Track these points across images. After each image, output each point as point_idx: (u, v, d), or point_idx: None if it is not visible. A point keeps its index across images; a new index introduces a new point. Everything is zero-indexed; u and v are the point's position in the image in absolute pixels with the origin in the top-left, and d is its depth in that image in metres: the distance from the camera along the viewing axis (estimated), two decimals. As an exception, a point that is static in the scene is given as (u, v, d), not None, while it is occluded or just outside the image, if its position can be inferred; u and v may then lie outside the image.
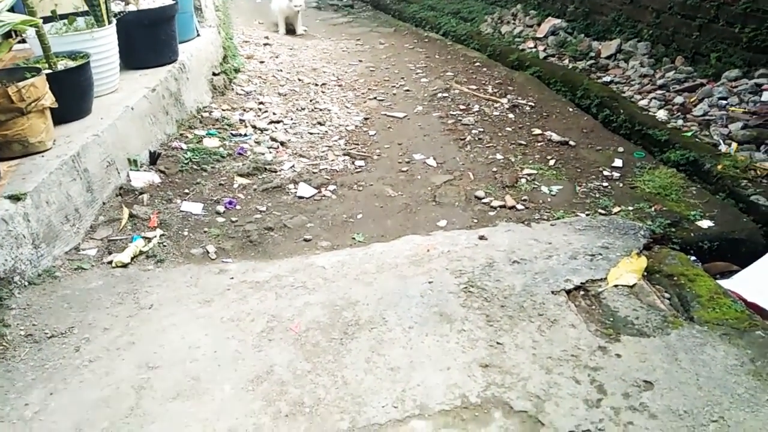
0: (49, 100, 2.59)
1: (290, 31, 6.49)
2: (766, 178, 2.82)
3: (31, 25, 2.60)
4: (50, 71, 2.78)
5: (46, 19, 3.09)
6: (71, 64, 2.92)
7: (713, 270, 2.36)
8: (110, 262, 2.39)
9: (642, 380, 1.64)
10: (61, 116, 2.73)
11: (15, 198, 2.21)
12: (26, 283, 2.19)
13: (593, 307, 1.99)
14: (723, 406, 1.54)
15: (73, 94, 2.82)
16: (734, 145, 3.11)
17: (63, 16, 3.28)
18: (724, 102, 3.50)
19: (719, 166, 2.91)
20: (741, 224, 2.52)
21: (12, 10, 2.56)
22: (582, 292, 2.06)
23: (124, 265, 2.38)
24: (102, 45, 3.10)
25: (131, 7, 3.55)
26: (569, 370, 1.71)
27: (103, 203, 2.71)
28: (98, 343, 1.96)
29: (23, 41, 3.32)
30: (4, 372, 1.84)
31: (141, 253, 2.46)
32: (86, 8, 3.22)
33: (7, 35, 2.68)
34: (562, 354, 1.77)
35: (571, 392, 1.63)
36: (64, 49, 3.00)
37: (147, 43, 3.52)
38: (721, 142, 3.17)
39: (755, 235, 2.47)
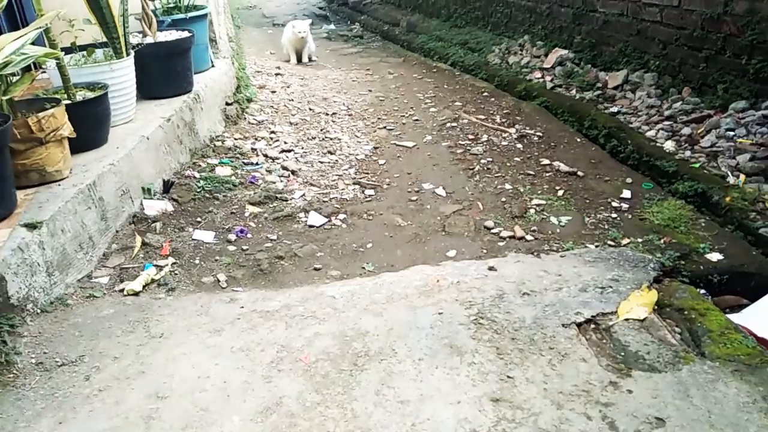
0: (67, 130, 2.65)
1: (299, 59, 6.60)
2: (775, 211, 2.82)
3: (52, 58, 2.68)
4: (69, 102, 2.84)
5: (66, 50, 3.17)
6: (89, 94, 2.99)
7: (723, 304, 2.35)
8: (122, 290, 2.41)
9: (654, 417, 1.63)
10: (79, 145, 2.79)
11: (31, 226, 2.25)
12: (39, 311, 2.21)
13: (604, 341, 1.98)
14: (736, 444, 1.52)
15: (90, 124, 2.88)
16: (742, 176, 3.12)
17: (82, 47, 3.36)
18: (732, 133, 3.51)
19: (727, 198, 2.91)
20: (751, 257, 2.51)
21: (34, 43, 2.64)
22: (592, 326, 2.05)
23: (136, 294, 2.40)
24: (120, 76, 3.17)
25: (148, 39, 3.64)
26: (580, 406, 1.70)
27: (117, 231, 2.74)
28: (108, 372, 1.97)
29: (42, 71, 3.40)
30: (15, 400, 1.85)
31: (153, 281, 2.48)
32: (104, 40, 3.30)
33: (28, 67, 2.76)
34: (573, 389, 1.77)
35: (582, 429, 1.62)
36: (83, 80, 3.08)
37: (163, 74, 3.60)
38: (729, 173, 3.18)
39: (765, 268, 2.47)
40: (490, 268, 2.45)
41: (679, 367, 1.80)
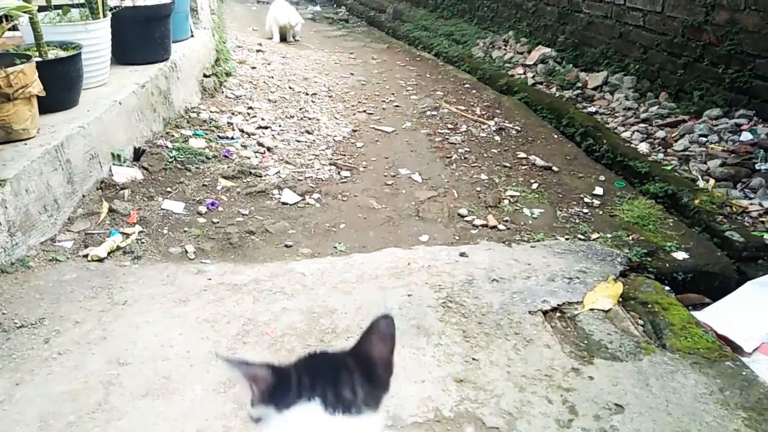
0: (37, 88, 2.56)
1: (283, 39, 6.52)
2: (741, 215, 2.89)
3: (25, 12, 2.59)
4: (40, 59, 2.75)
5: (41, 8, 3.07)
6: (62, 54, 2.90)
7: (686, 301, 2.40)
8: (86, 256, 2.36)
9: (613, 403, 1.66)
10: (48, 105, 2.70)
11: (-6, 184, 2.17)
12: (-2, 271, 2.14)
13: (569, 329, 2.01)
14: (691, 433, 1.56)
15: (61, 84, 2.79)
16: (712, 181, 3.19)
17: (57, 6, 3.26)
18: (704, 139, 3.58)
19: (696, 201, 2.97)
20: (715, 258, 2.57)
21: (6, -5, 2.54)
22: (558, 314, 2.08)
23: (100, 260, 2.34)
24: (95, 38, 3.08)
25: (127, 3, 3.54)
26: (542, 390, 1.72)
27: (83, 196, 2.67)
28: (69, 336, 1.92)
29: (14, 29, 3.28)
30: (-31, 359, 1.79)
31: (118, 248, 2.43)
32: (81, 0, 3.20)
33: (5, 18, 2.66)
34: (536, 373, 1.79)
35: (543, 411, 1.64)
36: (57, 38, 2.98)
37: (140, 39, 3.51)
38: (699, 177, 3.25)
39: (728, 269, 2.53)
40: (462, 254, 2.46)
41: (640, 357, 1.84)
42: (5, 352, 1.84)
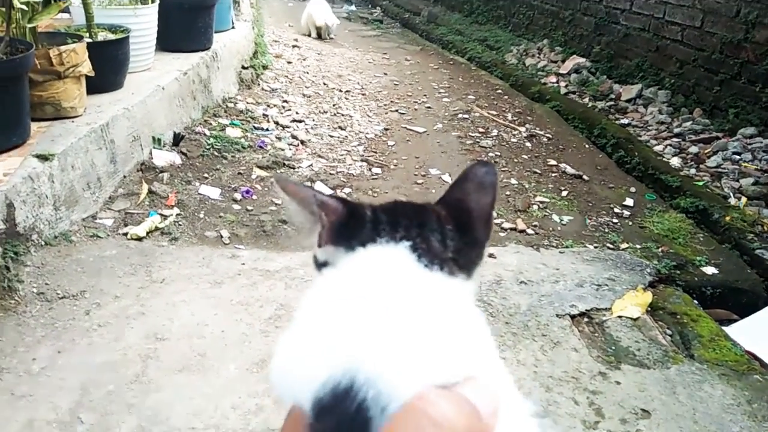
0: (86, 68, 2.64)
1: (318, 36, 6.60)
2: (772, 235, 2.87)
3: (79, -6, 2.67)
4: (90, 41, 2.84)
5: (92, -8, 3.16)
6: (111, 36, 2.98)
7: (713, 316, 2.39)
8: (125, 234, 2.43)
9: (640, 408, 1.68)
10: (95, 86, 2.78)
11: (43, 158, 2.25)
12: (43, 243, 2.22)
13: (596, 334, 2.03)
14: (716, 443, 1.57)
15: (109, 65, 2.87)
16: (744, 199, 3.17)
17: (107, -9, 3.35)
18: (738, 157, 3.57)
19: (727, 218, 2.96)
20: (744, 275, 2.56)
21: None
22: (586, 319, 2.10)
23: (139, 239, 2.41)
24: (142, 22, 3.16)
25: (173, -9, 3.62)
26: (569, 391, 1.74)
27: (124, 176, 2.75)
28: (108, 309, 1.99)
29: (65, 10, 3.38)
30: (15, 326, 1.86)
31: (156, 229, 2.49)
32: (130, -14, 3.29)
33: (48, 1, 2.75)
34: (563, 375, 1.81)
35: (569, 412, 1.67)
36: (106, 21, 3.07)
37: (185, 27, 3.59)
38: (731, 194, 3.24)
39: (757, 287, 2.52)
40: (490, 255, 2.49)
41: (667, 366, 1.85)
42: (48, 321, 1.91)
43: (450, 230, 0.62)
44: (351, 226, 0.62)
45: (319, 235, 0.64)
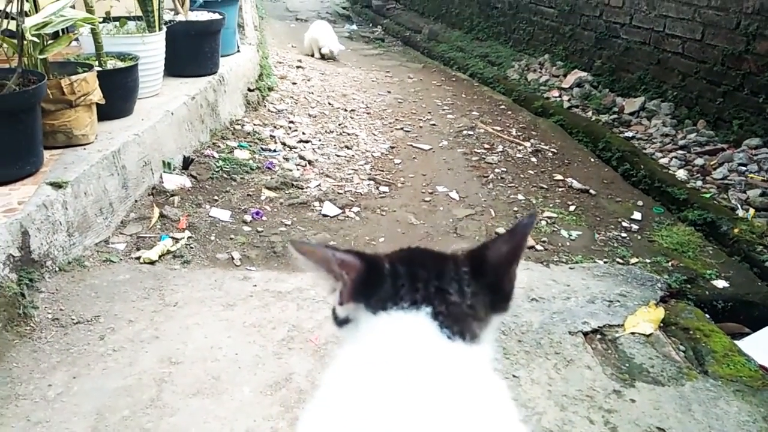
0: (97, 96, 2.69)
1: (321, 57, 6.66)
2: (781, 246, 2.87)
3: (89, 23, 2.72)
4: (100, 69, 2.88)
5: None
6: (120, 64, 3.03)
7: (725, 330, 2.38)
8: (138, 258, 2.45)
9: (656, 426, 1.67)
10: (105, 113, 2.82)
11: (57, 185, 2.29)
12: (57, 269, 2.24)
13: (609, 351, 2.03)
14: (734, 460, 1.57)
15: (119, 93, 2.92)
16: (752, 210, 3.17)
17: (115, 18, 3.41)
18: (744, 168, 3.57)
19: (736, 230, 2.96)
20: (756, 288, 2.56)
21: (72, 7, 2.68)
22: (599, 336, 2.10)
23: (152, 262, 2.43)
24: (150, 49, 3.22)
25: (180, 17, 3.69)
26: (584, 410, 1.74)
27: (136, 201, 2.78)
28: (123, 333, 2.00)
29: (74, 39, 3.44)
30: (31, 352, 1.88)
31: (168, 252, 2.52)
32: (137, 13, 3.35)
33: (65, 30, 2.80)
34: (577, 393, 1.81)
35: (584, 431, 1.66)
36: (114, 49, 3.12)
37: (191, 53, 3.64)
38: (739, 206, 3.24)
39: (769, 299, 2.52)
40: (501, 273, 2.49)
41: (682, 383, 1.85)
42: (63, 347, 1.93)
43: (466, 274, 0.63)
44: (371, 282, 0.63)
45: (340, 293, 0.65)
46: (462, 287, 0.63)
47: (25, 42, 2.36)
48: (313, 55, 6.64)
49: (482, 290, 0.64)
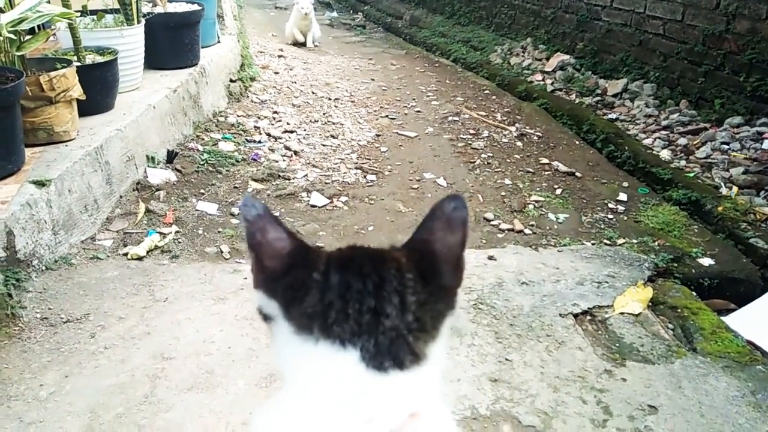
0: (77, 91, 2.64)
1: (305, 44, 6.61)
2: (765, 223, 2.91)
3: (66, 18, 2.67)
4: (79, 64, 2.83)
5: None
6: (99, 59, 2.98)
7: (712, 307, 2.42)
8: (125, 254, 2.42)
9: (647, 404, 1.70)
10: (86, 109, 2.78)
11: (40, 184, 2.25)
12: (43, 268, 2.22)
13: (600, 332, 2.05)
14: (724, 434, 1.60)
15: (99, 88, 2.87)
16: (735, 188, 3.21)
17: (92, 12, 3.34)
18: (727, 147, 3.61)
19: (720, 208, 3.00)
20: (740, 265, 2.60)
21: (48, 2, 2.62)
22: (589, 317, 2.12)
23: (140, 258, 2.41)
24: (130, 43, 3.16)
25: (158, 9, 3.63)
26: (576, 390, 1.76)
27: (121, 196, 2.75)
28: (113, 331, 1.99)
29: (54, 33, 3.37)
30: (21, 352, 1.86)
31: (156, 247, 2.49)
32: (115, 6, 3.29)
33: (42, 26, 2.75)
34: (569, 374, 1.83)
35: (578, 411, 1.68)
36: (93, 43, 3.07)
37: (171, 45, 3.59)
38: (722, 184, 3.28)
39: (754, 276, 2.56)
40: (490, 258, 2.51)
41: (671, 361, 1.88)
42: (53, 346, 1.91)
43: (411, 280, 0.56)
44: (293, 277, 0.56)
45: (254, 271, 0.58)
46: (405, 299, 0.55)
47: (1, 39, 2.31)
48: (295, 44, 6.58)
49: (432, 296, 0.57)
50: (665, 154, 3.68)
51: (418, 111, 4.61)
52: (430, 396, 0.56)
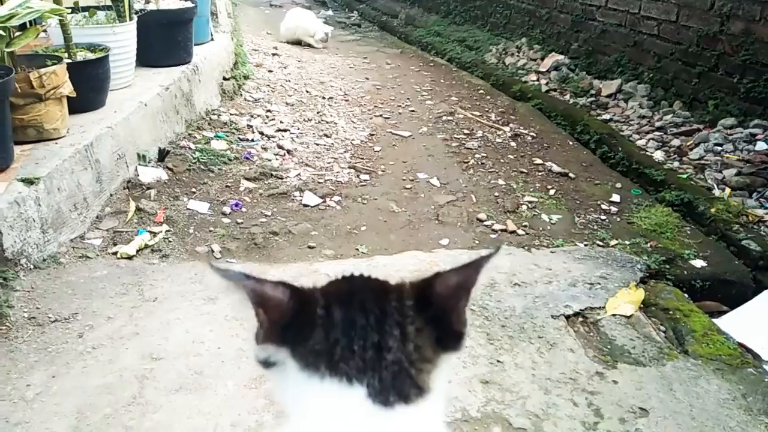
0: (67, 88, 2.62)
1: (297, 42, 6.59)
2: (757, 225, 2.92)
3: (57, 15, 2.64)
4: (70, 61, 2.81)
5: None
6: (90, 55, 2.95)
7: (704, 309, 2.42)
8: (115, 253, 2.40)
9: (638, 407, 1.69)
10: (77, 106, 2.75)
11: (29, 182, 2.23)
12: (32, 267, 2.19)
13: (591, 333, 2.05)
14: (714, 437, 1.60)
15: (90, 85, 2.85)
16: (728, 190, 3.22)
17: (84, 8, 3.32)
18: (720, 148, 3.62)
19: (713, 209, 3.00)
20: (733, 266, 2.60)
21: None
22: (581, 319, 2.11)
23: (129, 257, 2.39)
24: (121, 40, 3.14)
25: (151, 6, 3.60)
26: (567, 393, 1.76)
27: (111, 195, 2.73)
28: (102, 331, 1.97)
29: (43, 29, 3.34)
30: (7, 352, 1.84)
31: (146, 246, 2.47)
32: (107, 3, 3.26)
33: (32, 22, 2.72)
34: (560, 376, 1.82)
35: (569, 414, 1.68)
36: (84, 40, 3.04)
37: (164, 42, 3.56)
38: (715, 186, 3.28)
39: (746, 277, 2.55)
40: (483, 259, 2.49)
41: (663, 363, 1.87)
42: (41, 346, 1.89)
43: (410, 308, 0.57)
44: (298, 326, 0.56)
45: (256, 334, 0.59)
46: (405, 328, 0.57)
47: (-11, 34, 2.28)
48: (300, 44, 6.55)
49: (427, 325, 0.58)
50: (659, 156, 3.69)
51: (413, 110, 4.60)
52: (435, 427, 0.58)
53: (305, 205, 2.99)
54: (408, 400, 0.55)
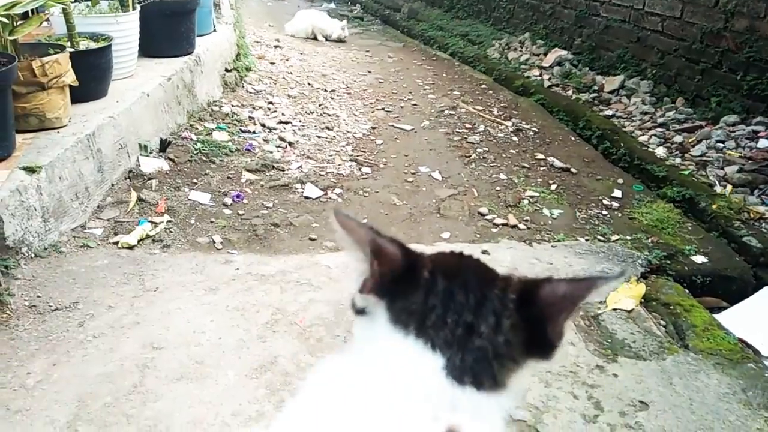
0: (70, 77, 2.61)
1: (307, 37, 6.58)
2: (758, 222, 2.91)
3: (59, 3, 2.63)
4: (73, 50, 2.80)
5: (71, -1, 3.11)
6: (93, 45, 2.94)
7: (704, 304, 2.42)
8: (116, 243, 2.40)
9: (638, 400, 1.70)
10: (79, 95, 2.75)
11: (30, 170, 2.22)
12: (33, 255, 2.19)
13: (592, 327, 2.05)
14: (714, 431, 1.60)
15: (92, 74, 2.84)
16: (729, 187, 3.21)
17: (87, -2, 3.31)
18: (722, 145, 3.61)
19: (714, 206, 3.00)
20: (733, 263, 2.60)
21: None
22: (581, 313, 2.11)
23: (131, 247, 2.39)
24: (124, 30, 3.13)
25: (154, -4, 3.59)
26: (568, 386, 1.76)
27: (112, 185, 2.72)
28: (103, 320, 1.97)
29: (47, 17, 3.33)
30: (8, 340, 1.84)
31: (147, 236, 2.47)
32: (110, -8, 3.26)
33: (35, 10, 2.71)
34: (561, 369, 1.82)
35: (569, 406, 1.68)
36: (87, 30, 3.03)
37: (166, 33, 3.55)
38: (717, 183, 3.28)
39: (746, 274, 2.56)
40: (484, 252, 2.50)
41: (663, 357, 1.88)
42: (41, 334, 1.89)
43: (511, 301, 0.57)
44: (402, 284, 0.57)
45: (364, 281, 0.60)
46: (500, 319, 0.57)
47: (-8, 22, 2.27)
48: (315, 38, 6.56)
49: (523, 324, 0.57)
50: (661, 152, 3.68)
51: (415, 104, 4.59)
52: (495, 424, 0.57)
53: (306, 198, 2.98)
54: (480, 387, 0.55)
